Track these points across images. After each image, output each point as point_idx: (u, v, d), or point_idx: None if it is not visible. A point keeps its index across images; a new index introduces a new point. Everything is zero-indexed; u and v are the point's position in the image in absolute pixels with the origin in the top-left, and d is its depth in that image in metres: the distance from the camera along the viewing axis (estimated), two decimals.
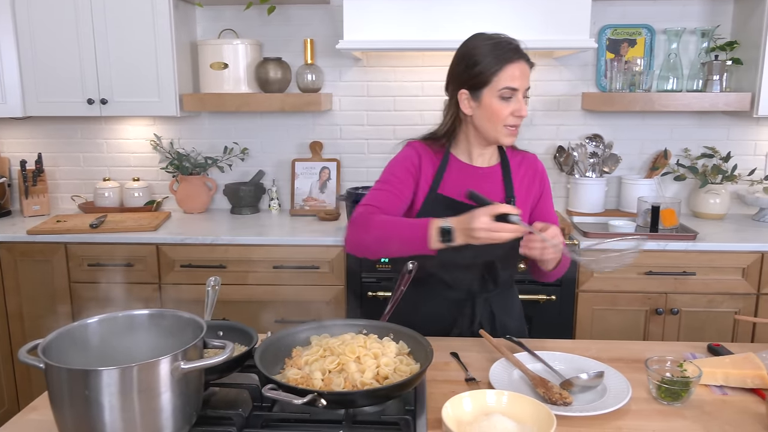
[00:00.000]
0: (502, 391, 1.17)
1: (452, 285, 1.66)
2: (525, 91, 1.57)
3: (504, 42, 1.56)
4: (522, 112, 1.56)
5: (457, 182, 1.64)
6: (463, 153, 1.68)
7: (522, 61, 1.55)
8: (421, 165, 1.65)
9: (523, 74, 1.55)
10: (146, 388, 1.02)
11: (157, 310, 1.19)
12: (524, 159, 1.74)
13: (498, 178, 1.67)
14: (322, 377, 1.22)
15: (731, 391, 1.33)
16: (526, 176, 1.71)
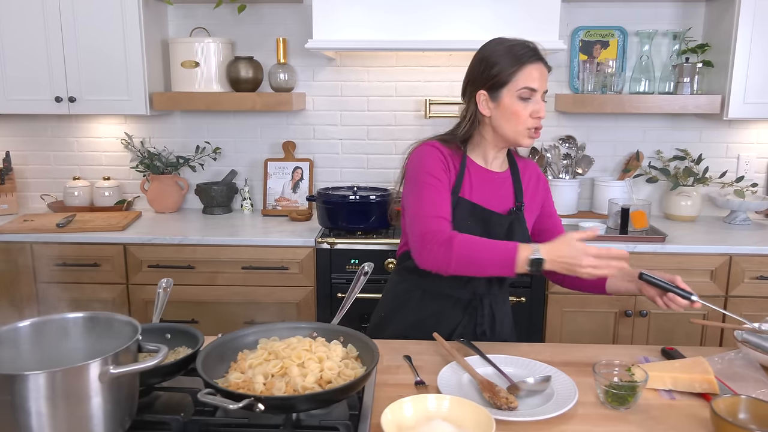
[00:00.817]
0: (443, 396, 1.16)
1: (460, 284, 1.64)
2: (543, 93, 1.57)
3: (522, 44, 1.57)
4: (541, 113, 1.56)
5: (476, 186, 1.65)
6: (479, 157, 1.67)
7: (540, 62, 1.56)
8: (446, 166, 1.63)
9: (542, 76, 1.56)
10: (75, 393, 0.99)
11: (92, 312, 1.17)
12: (527, 165, 1.77)
13: (509, 184, 1.69)
14: (264, 381, 1.20)
15: (679, 396, 1.33)
16: (531, 182, 1.74)
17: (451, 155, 1.64)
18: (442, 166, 1.61)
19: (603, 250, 1.39)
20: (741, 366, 1.41)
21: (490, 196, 1.66)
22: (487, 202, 1.64)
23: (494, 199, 1.66)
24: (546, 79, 1.58)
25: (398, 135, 3.18)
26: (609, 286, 1.65)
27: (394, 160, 3.20)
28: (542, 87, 1.56)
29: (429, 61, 3.10)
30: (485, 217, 1.63)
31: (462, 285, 1.64)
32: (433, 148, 1.65)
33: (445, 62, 3.09)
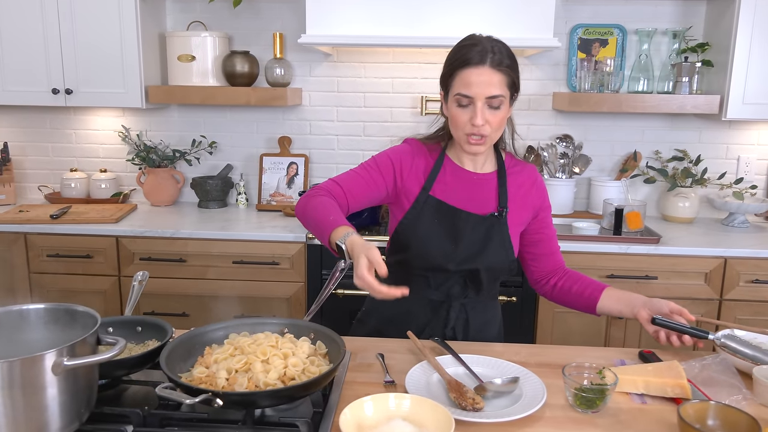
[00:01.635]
0: (404, 395, 1.15)
1: (432, 285, 1.62)
2: (491, 99, 1.45)
3: (469, 45, 1.48)
4: (475, 120, 1.45)
5: (449, 185, 1.60)
6: (456, 156, 1.63)
7: (484, 66, 1.44)
8: (413, 164, 1.61)
9: (482, 81, 1.44)
10: (29, 383, 0.99)
11: (53, 304, 1.16)
12: (523, 169, 1.67)
13: (492, 186, 1.61)
14: (227, 377, 1.19)
15: (651, 400, 1.31)
16: (522, 187, 1.64)
17: (426, 154, 1.62)
18: (395, 161, 1.60)
19: (370, 284, 1.27)
20: (718, 371, 1.38)
21: (467, 197, 1.60)
22: (461, 203, 1.59)
23: (472, 201, 1.60)
24: (494, 84, 1.44)
25: (394, 131, 3.16)
26: (600, 307, 1.60)
27: None
28: (481, 93, 1.44)
29: (425, 57, 3.08)
30: (456, 216, 1.58)
31: (435, 287, 1.62)
32: (405, 145, 1.64)
33: (441, 59, 3.02)
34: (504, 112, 1.49)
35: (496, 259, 1.59)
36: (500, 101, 1.46)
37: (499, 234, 1.59)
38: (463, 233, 1.57)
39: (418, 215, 1.59)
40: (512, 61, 1.49)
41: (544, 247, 1.70)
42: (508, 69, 1.47)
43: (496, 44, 1.48)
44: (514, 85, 1.50)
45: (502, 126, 1.52)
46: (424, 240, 1.58)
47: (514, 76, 1.49)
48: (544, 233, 1.70)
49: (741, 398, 1.28)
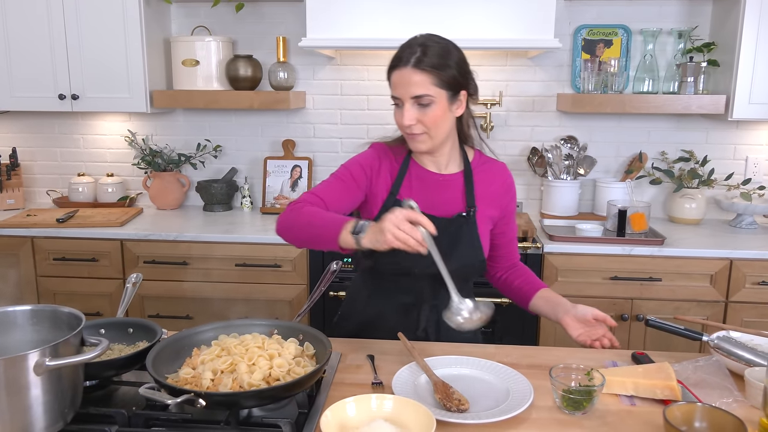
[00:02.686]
0: (386, 396, 1.15)
1: (402, 289, 1.61)
2: (418, 98, 1.45)
3: (402, 47, 1.49)
4: (403, 120, 1.48)
5: (416, 188, 1.60)
6: (419, 158, 1.63)
7: (404, 68, 1.45)
8: (380, 168, 1.61)
9: (405, 82, 1.45)
10: (12, 383, 1.01)
11: (38, 305, 1.18)
12: (492, 167, 1.67)
13: (459, 186, 1.61)
14: (213, 377, 1.20)
15: (640, 402, 1.29)
16: (492, 185, 1.64)
17: (391, 158, 1.62)
18: (365, 167, 1.60)
19: (413, 215, 1.29)
20: (710, 373, 1.36)
21: (434, 199, 1.59)
22: (428, 205, 1.58)
23: (439, 203, 1.59)
24: (416, 84, 1.44)
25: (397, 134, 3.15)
26: (531, 306, 1.66)
27: None
28: (407, 93, 1.45)
29: None
30: None
31: (405, 290, 1.61)
32: (372, 150, 1.65)
33: None
34: (437, 110, 1.47)
35: (466, 260, 1.58)
36: (429, 100, 1.46)
37: (468, 234, 1.59)
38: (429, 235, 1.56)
39: None
40: (444, 60, 1.46)
41: (505, 250, 1.72)
42: (435, 69, 1.45)
43: (430, 45, 1.47)
44: (449, 84, 1.47)
45: (437, 123, 1.49)
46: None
47: (445, 75, 1.46)
48: (508, 236, 1.71)
49: (732, 401, 1.27)
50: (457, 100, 1.52)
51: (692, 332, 1.46)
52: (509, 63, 3.05)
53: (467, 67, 1.53)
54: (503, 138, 3.12)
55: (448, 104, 1.50)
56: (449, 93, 1.49)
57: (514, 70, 3.05)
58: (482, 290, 2.54)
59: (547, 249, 2.57)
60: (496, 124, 3.09)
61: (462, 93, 1.52)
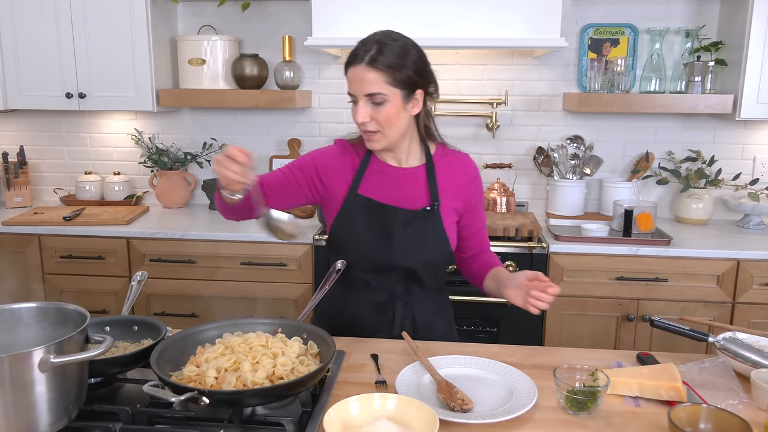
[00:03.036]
0: (389, 395, 1.15)
1: (374, 287, 1.62)
2: (371, 96, 1.46)
3: (358, 44, 1.50)
4: (355, 117, 1.50)
5: (377, 183, 1.61)
6: (379, 153, 1.63)
7: (358, 65, 1.46)
8: (340, 164, 1.62)
9: (359, 80, 1.46)
10: (17, 380, 1.01)
11: (43, 303, 1.18)
12: (455, 159, 1.67)
13: (421, 180, 1.61)
14: (216, 376, 1.20)
15: (645, 403, 1.29)
16: (456, 177, 1.64)
17: (353, 154, 1.64)
18: (319, 162, 1.62)
19: (226, 160, 1.35)
20: (716, 374, 1.35)
21: (396, 194, 1.60)
22: (391, 199, 1.59)
23: (402, 196, 1.59)
24: (369, 82, 1.45)
25: None
26: (484, 286, 1.66)
27: None
28: (360, 90, 1.47)
29: (434, 58, 3.01)
30: (385, 213, 1.58)
31: (377, 288, 1.60)
32: (332, 146, 1.67)
33: (450, 60, 3.06)
34: (391, 108, 1.48)
35: (432, 254, 1.59)
36: (383, 99, 1.46)
37: (433, 228, 1.59)
38: (393, 230, 1.57)
39: (349, 215, 1.60)
40: (400, 59, 1.46)
41: (473, 241, 1.71)
42: (389, 68, 1.45)
43: (386, 43, 1.47)
44: (405, 83, 1.47)
45: (391, 121, 1.49)
46: (357, 240, 1.59)
47: (399, 74, 1.46)
48: (475, 227, 1.70)
49: (738, 402, 1.26)
50: (413, 99, 1.52)
51: (698, 333, 1.45)
52: (515, 62, 3.04)
53: (425, 67, 1.54)
54: (509, 137, 3.11)
55: (403, 103, 1.50)
56: (404, 92, 1.49)
57: (520, 70, 3.04)
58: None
59: (553, 249, 2.56)
60: (501, 124, 3.08)
61: (418, 92, 1.52)
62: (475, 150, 3.14)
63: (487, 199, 2.95)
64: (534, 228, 2.60)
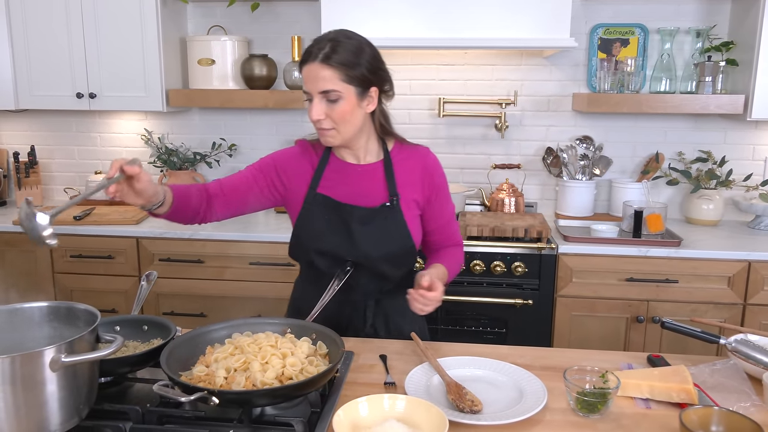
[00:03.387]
0: (398, 396, 1.15)
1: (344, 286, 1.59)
2: (326, 93, 1.47)
3: (313, 42, 1.51)
4: (311, 115, 1.50)
5: (336, 181, 1.63)
6: (338, 151, 1.65)
7: (312, 63, 1.47)
8: (300, 164, 1.64)
9: (313, 77, 1.47)
10: (28, 379, 1.01)
11: (55, 302, 1.19)
12: (412, 153, 1.66)
13: (380, 176, 1.62)
14: (226, 376, 1.20)
15: (656, 405, 1.28)
16: (414, 171, 1.63)
17: (312, 153, 1.65)
18: (279, 163, 1.64)
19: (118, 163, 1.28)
20: (728, 376, 1.34)
21: (355, 191, 1.61)
22: (348, 197, 1.60)
23: (361, 194, 1.60)
24: (324, 79, 1.46)
25: (412, 134, 3.15)
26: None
27: None
28: (315, 88, 1.47)
29: (443, 59, 3.07)
30: (345, 211, 1.59)
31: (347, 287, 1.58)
32: (293, 147, 1.69)
33: (459, 60, 3.06)
34: (345, 105, 1.49)
35: (394, 249, 1.59)
36: (337, 96, 1.47)
37: (394, 223, 1.59)
38: (352, 227, 1.58)
39: (309, 214, 1.61)
40: (353, 57, 1.48)
41: (440, 235, 1.70)
42: (342, 66, 1.46)
43: (340, 41, 1.49)
44: (360, 80, 1.48)
45: (345, 119, 1.50)
46: (318, 239, 1.60)
47: (353, 72, 1.47)
48: (439, 221, 1.69)
49: (750, 405, 1.25)
50: (368, 96, 1.53)
51: (709, 335, 1.44)
52: (524, 62, 3.03)
53: (379, 65, 1.55)
54: (518, 138, 3.10)
55: (357, 100, 1.51)
56: (358, 89, 1.50)
57: (529, 70, 3.04)
58: (498, 290, 2.56)
59: (562, 250, 2.55)
60: (510, 124, 3.07)
61: (372, 89, 1.53)
62: (484, 150, 3.13)
63: (495, 200, 2.95)
64: (543, 229, 2.59)
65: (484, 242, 2.60)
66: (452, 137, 3.14)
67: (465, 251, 2.55)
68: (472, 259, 2.59)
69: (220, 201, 1.59)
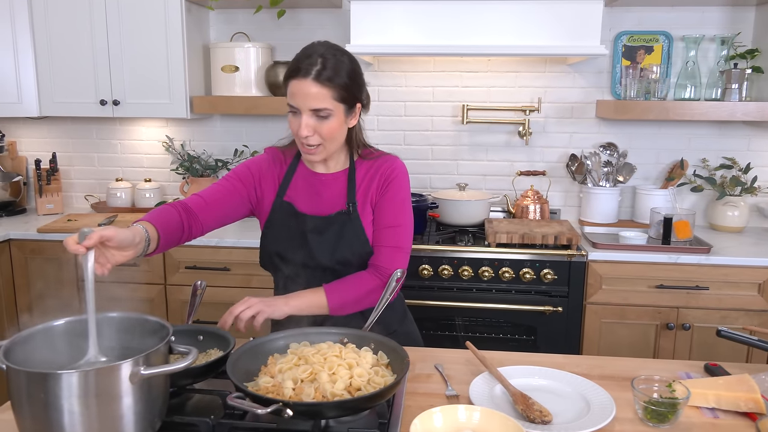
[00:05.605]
0: (474, 407, 1.13)
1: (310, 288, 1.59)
2: (317, 111, 1.46)
3: (301, 56, 1.49)
4: (300, 131, 1.48)
5: (300, 189, 1.64)
6: (307, 160, 1.65)
7: (304, 79, 1.45)
8: (269, 171, 1.65)
9: (303, 93, 1.45)
10: (106, 393, 1.00)
11: (125, 313, 1.18)
12: (377, 162, 1.64)
13: (342, 184, 1.63)
14: (294, 387, 1.19)
15: (723, 415, 1.27)
16: (373, 178, 1.62)
17: (281, 161, 1.67)
18: (253, 170, 1.64)
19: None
20: None
21: (317, 199, 1.62)
22: (308, 205, 1.61)
23: (322, 202, 1.62)
24: (316, 97, 1.45)
25: (435, 140, 3.15)
26: None
27: (430, 165, 3.18)
28: (306, 105, 1.45)
29: (467, 66, 3.07)
30: (302, 220, 1.60)
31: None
32: (263, 154, 1.70)
33: (483, 67, 3.06)
34: (334, 122, 1.50)
35: (350, 254, 1.58)
36: (328, 113, 1.48)
37: (351, 229, 1.59)
38: (307, 235, 1.59)
39: (275, 222, 1.62)
40: (343, 74, 1.48)
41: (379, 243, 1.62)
42: (335, 84, 1.46)
43: (330, 58, 1.48)
44: (347, 98, 1.50)
45: (333, 135, 1.51)
46: (280, 245, 1.61)
47: (344, 90, 1.48)
48: (378, 224, 1.62)
49: None
50: (353, 112, 1.55)
51: (765, 343, 1.44)
52: (548, 69, 3.03)
53: (362, 80, 1.56)
54: (541, 144, 3.10)
55: (345, 117, 1.53)
56: (346, 107, 1.51)
57: (552, 77, 3.04)
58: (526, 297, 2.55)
59: (592, 257, 2.54)
60: (534, 131, 3.07)
61: (357, 105, 1.55)
62: (508, 157, 3.13)
63: (520, 207, 2.94)
64: (573, 236, 2.58)
65: (513, 249, 2.59)
66: (475, 144, 3.14)
67: (494, 258, 2.58)
68: (501, 267, 2.58)
69: (206, 213, 1.60)
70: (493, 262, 2.59)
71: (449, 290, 2.61)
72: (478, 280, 2.60)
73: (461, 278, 2.60)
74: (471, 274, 2.59)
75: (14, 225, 2.93)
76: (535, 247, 2.60)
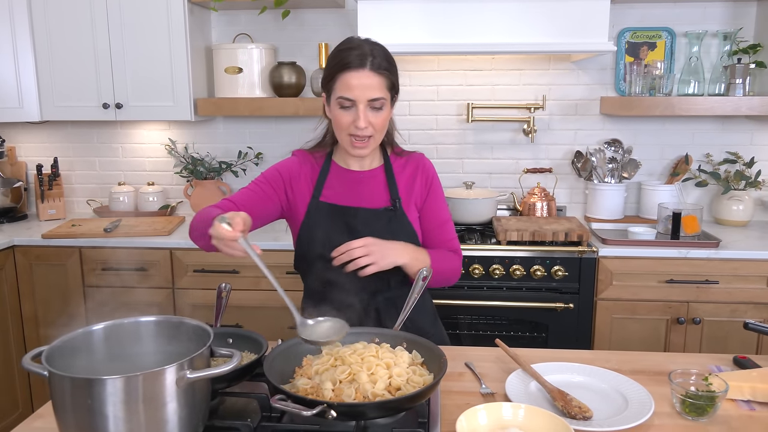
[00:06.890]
0: (519, 404, 1.13)
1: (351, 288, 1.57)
2: (373, 101, 1.47)
3: (348, 49, 1.49)
4: (359, 122, 1.48)
5: (338, 188, 1.62)
6: (341, 158, 1.65)
7: (364, 70, 1.46)
8: (300, 173, 1.64)
9: (364, 85, 1.46)
10: (151, 397, 0.99)
11: (163, 317, 1.17)
12: (409, 159, 1.68)
13: (381, 181, 1.63)
14: (333, 388, 1.18)
15: (759, 407, 1.28)
16: (411, 176, 1.65)
17: (312, 163, 1.65)
18: (283, 173, 1.63)
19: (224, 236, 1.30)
20: None
21: (357, 195, 1.61)
22: (352, 201, 1.60)
23: (363, 197, 1.61)
24: (375, 87, 1.46)
25: (440, 139, 3.15)
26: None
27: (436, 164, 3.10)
28: (364, 96, 1.46)
29: (471, 64, 3.07)
30: (348, 215, 1.59)
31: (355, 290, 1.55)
32: (292, 158, 1.68)
33: (487, 65, 3.06)
34: (386, 113, 1.52)
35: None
36: (382, 103, 1.49)
37: (399, 224, 1.60)
38: (357, 229, 1.57)
39: (313, 223, 1.60)
40: (390, 64, 1.51)
41: (433, 235, 1.66)
42: (387, 72, 1.49)
43: (375, 48, 1.51)
44: (394, 87, 1.53)
45: (384, 127, 1.54)
46: (324, 243, 1.58)
47: (393, 78, 1.52)
48: (432, 222, 1.66)
49: None
50: (395, 102, 1.57)
51: None
52: (552, 66, 3.04)
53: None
54: (546, 142, 3.11)
55: (390, 107, 1.54)
56: (392, 96, 1.54)
57: (557, 74, 3.05)
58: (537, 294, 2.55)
59: (602, 253, 2.55)
60: (539, 128, 3.08)
61: (396, 96, 1.57)
62: (513, 155, 3.14)
63: (527, 204, 2.95)
64: (583, 232, 2.59)
65: (524, 246, 2.60)
66: (480, 142, 3.14)
67: (505, 255, 2.58)
68: (511, 264, 2.58)
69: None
70: (503, 259, 2.59)
71: (460, 288, 2.61)
72: (489, 278, 2.60)
73: (472, 276, 2.60)
74: (482, 272, 2.58)
75: (17, 231, 2.89)
76: (545, 244, 2.60)
